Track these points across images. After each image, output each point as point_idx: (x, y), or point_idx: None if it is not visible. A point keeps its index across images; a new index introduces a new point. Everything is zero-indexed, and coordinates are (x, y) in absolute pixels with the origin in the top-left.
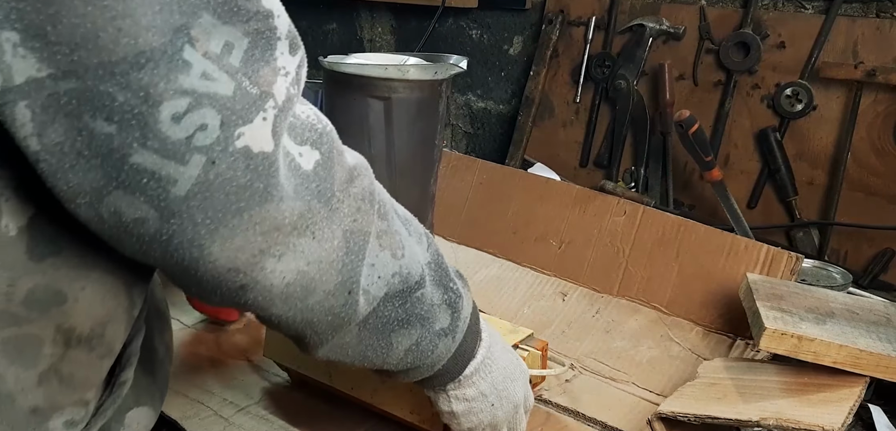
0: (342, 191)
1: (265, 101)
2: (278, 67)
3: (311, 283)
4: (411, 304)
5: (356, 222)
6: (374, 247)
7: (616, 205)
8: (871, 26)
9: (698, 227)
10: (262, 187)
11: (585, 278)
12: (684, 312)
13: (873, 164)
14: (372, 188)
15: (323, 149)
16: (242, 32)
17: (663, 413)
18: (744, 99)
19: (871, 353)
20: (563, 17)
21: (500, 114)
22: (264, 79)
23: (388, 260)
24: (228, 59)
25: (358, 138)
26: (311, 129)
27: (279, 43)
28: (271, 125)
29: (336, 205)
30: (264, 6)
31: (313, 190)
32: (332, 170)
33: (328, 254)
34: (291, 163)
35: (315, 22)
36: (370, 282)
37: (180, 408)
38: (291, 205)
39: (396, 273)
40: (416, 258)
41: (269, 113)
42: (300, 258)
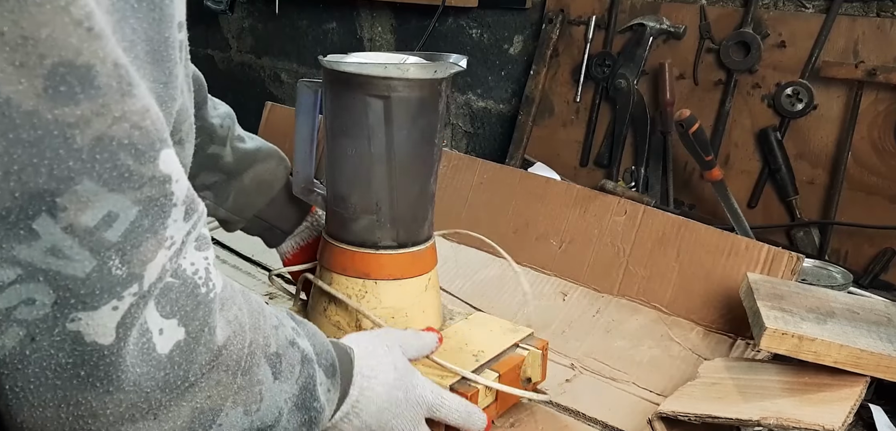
0: (200, 374)
1: (127, 286)
2: (165, 238)
3: None
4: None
5: (210, 398)
6: (227, 409)
7: (617, 205)
8: (871, 25)
9: (699, 227)
10: (84, 375)
11: (586, 278)
12: (685, 312)
13: (874, 164)
14: (240, 353)
15: (191, 327)
16: (132, 201)
17: (664, 413)
18: (744, 98)
19: (872, 353)
20: (563, 17)
21: (501, 114)
22: (141, 257)
23: (239, 417)
24: (104, 233)
25: (357, 138)
26: (190, 297)
27: (173, 210)
28: (121, 315)
29: (187, 389)
30: (162, 170)
31: (160, 379)
32: (193, 353)
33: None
34: (146, 344)
35: (315, 21)
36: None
37: None
38: (123, 397)
39: (246, 428)
40: (276, 401)
41: (125, 301)
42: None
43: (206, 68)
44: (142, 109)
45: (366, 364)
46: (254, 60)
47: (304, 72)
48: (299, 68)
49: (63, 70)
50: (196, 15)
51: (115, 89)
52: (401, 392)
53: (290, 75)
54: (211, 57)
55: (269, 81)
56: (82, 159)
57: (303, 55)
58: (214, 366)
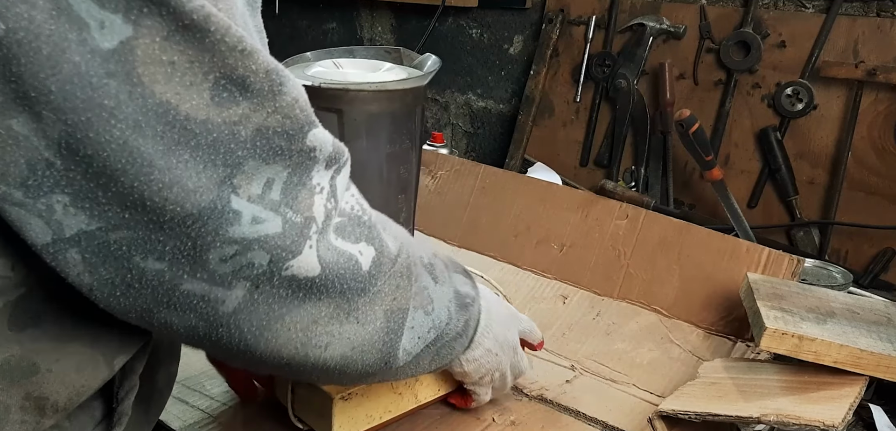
0: (383, 280)
1: (309, 227)
2: (314, 186)
3: (351, 364)
4: (441, 340)
5: (396, 300)
6: (412, 312)
7: (618, 210)
8: (871, 25)
9: (699, 230)
10: (302, 296)
11: (586, 281)
12: (685, 315)
13: (874, 164)
14: (408, 261)
15: (376, 244)
16: (283, 166)
17: (664, 412)
18: (744, 98)
19: (872, 353)
20: (563, 16)
21: (501, 114)
22: (304, 205)
23: (422, 319)
24: (269, 194)
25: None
26: (360, 224)
27: (316, 165)
28: (317, 249)
29: (378, 292)
30: (308, 144)
31: (360, 289)
32: (381, 264)
33: (370, 336)
34: (354, 266)
35: (315, 21)
36: (412, 344)
37: (180, 415)
38: (331, 302)
39: (431, 327)
40: (443, 302)
41: (313, 238)
42: (345, 344)
43: None
44: (291, 101)
45: (479, 286)
46: None
47: None
48: None
49: (223, 82)
50: None
51: (266, 91)
52: (503, 306)
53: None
54: None
55: None
56: (246, 147)
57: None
58: (392, 273)
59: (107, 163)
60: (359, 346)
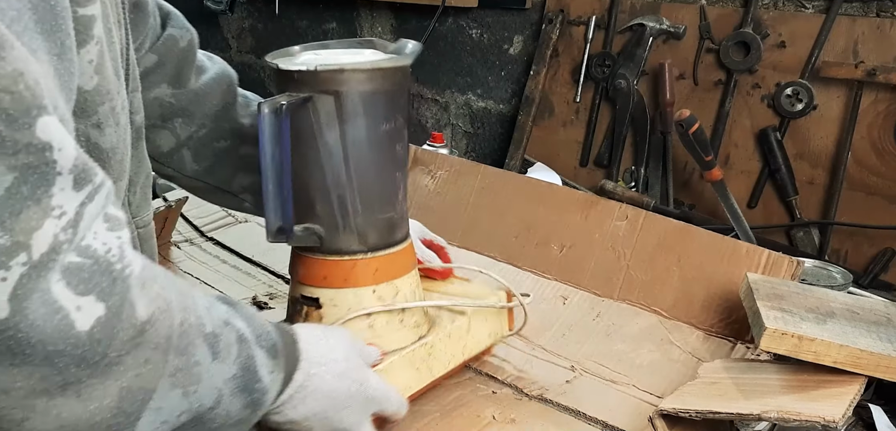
0: (123, 351)
1: (12, 256)
2: (50, 207)
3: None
4: (202, 425)
5: (139, 377)
6: (163, 390)
7: (618, 210)
8: (871, 26)
9: (699, 232)
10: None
11: (586, 282)
12: (685, 316)
13: (873, 164)
14: (170, 331)
15: (110, 302)
16: (6, 167)
17: (665, 410)
18: (744, 98)
19: (872, 353)
20: (563, 17)
21: (501, 114)
22: (24, 225)
23: (177, 401)
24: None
25: (309, 140)
26: (104, 274)
27: (59, 178)
28: (11, 286)
29: (110, 366)
30: (40, 137)
31: (78, 356)
32: (114, 328)
33: (91, 415)
34: (63, 321)
35: (315, 21)
36: (153, 427)
37: None
38: (33, 371)
39: (185, 410)
40: (215, 382)
41: (13, 271)
42: (53, 421)
43: None
44: (13, 73)
45: (315, 351)
46: (254, 60)
47: None
48: None
49: None
50: (196, 15)
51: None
52: (352, 383)
53: None
54: None
55: (270, 82)
56: None
57: None
58: (140, 343)
59: None
60: (71, 425)
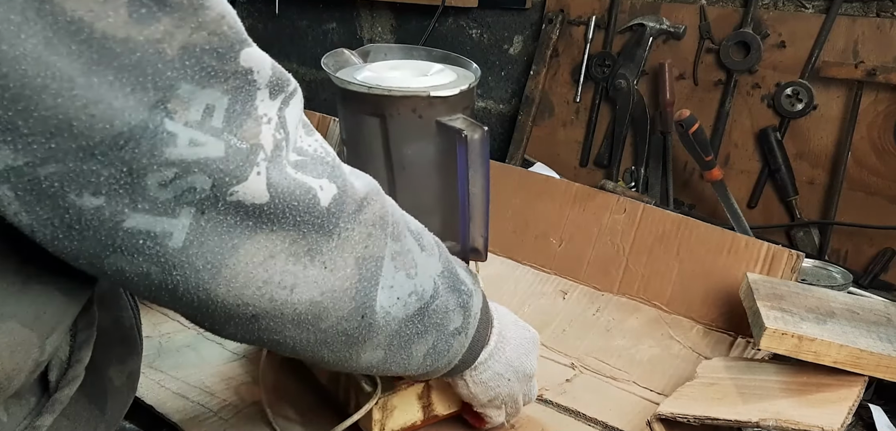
0: (352, 219)
1: (256, 154)
2: (260, 116)
3: (323, 311)
4: (428, 317)
5: (368, 248)
6: (389, 270)
7: (616, 203)
8: (871, 26)
9: (698, 225)
10: (252, 225)
11: (586, 276)
12: (685, 310)
13: (874, 164)
14: (383, 211)
15: (338, 182)
16: (222, 92)
17: (663, 414)
18: (744, 98)
19: (872, 353)
20: (563, 17)
21: (501, 114)
22: (249, 132)
23: (404, 281)
24: (210, 121)
25: (358, 153)
26: (323, 163)
27: (259, 93)
28: (266, 177)
29: (346, 235)
30: (243, 65)
31: (318, 225)
32: (344, 202)
33: (341, 283)
34: (312, 200)
35: (315, 21)
36: (390, 304)
37: (181, 410)
38: (285, 236)
39: (412, 292)
40: (429, 272)
41: (262, 166)
42: (313, 288)
43: None
44: (217, 17)
45: (495, 308)
46: None
47: (304, 72)
48: (299, 68)
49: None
50: None
51: (186, 5)
52: (522, 331)
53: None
54: None
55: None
56: (175, 67)
57: (303, 55)
58: (362, 216)
59: (24, 84)
60: (329, 292)
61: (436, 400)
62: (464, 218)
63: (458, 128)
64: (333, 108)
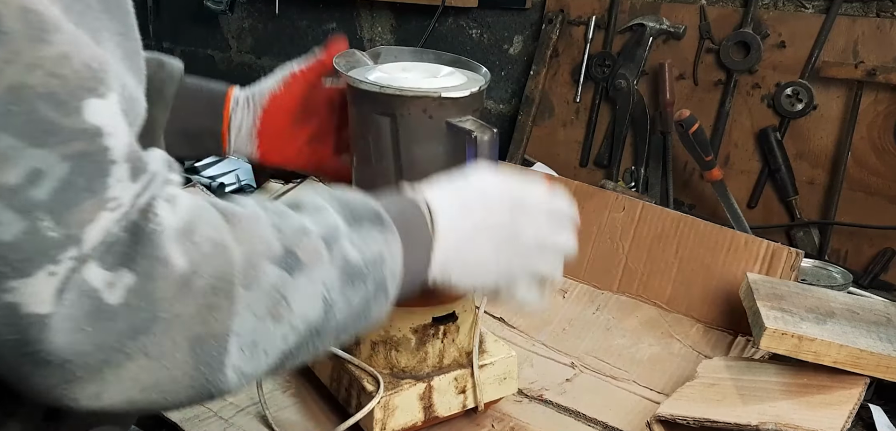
0: (171, 303)
1: (63, 249)
2: (106, 199)
3: (153, 404)
4: (327, 333)
5: (206, 324)
6: (248, 327)
7: (615, 201)
8: (871, 26)
9: (698, 223)
10: (33, 352)
11: (585, 274)
12: (685, 309)
13: (873, 164)
14: (225, 270)
15: (140, 266)
16: (59, 156)
17: (662, 416)
18: (744, 98)
19: (872, 353)
20: (563, 17)
21: (501, 114)
22: (78, 217)
23: (272, 327)
24: (30, 192)
25: (367, 152)
26: (132, 239)
27: (114, 167)
28: (59, 281)
29: (167, 324)
30: (90, 122)
31: (124, 328)
32: (151, 291)
33: (169, 373)
34: (91, 305)
35: (315, 21)
36: (248, 362)
37: (180, 410)
38: (88, 357)
39: (288, 332)
40: (309, 291)
41: (62, 266)
42: (130, 387)
43: (206, 68)
44: (58, 56)
45: (439, 203)
46: (254, 60)
47: None
48: None
49: None
50: (196, 15)
51: (22, 34)
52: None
53: None
54: (211, 57)
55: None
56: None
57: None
58: (187, 293)
59: None
60: (152, 386)
61: (437, 401)
62: None
63: (468, 130)
64: None
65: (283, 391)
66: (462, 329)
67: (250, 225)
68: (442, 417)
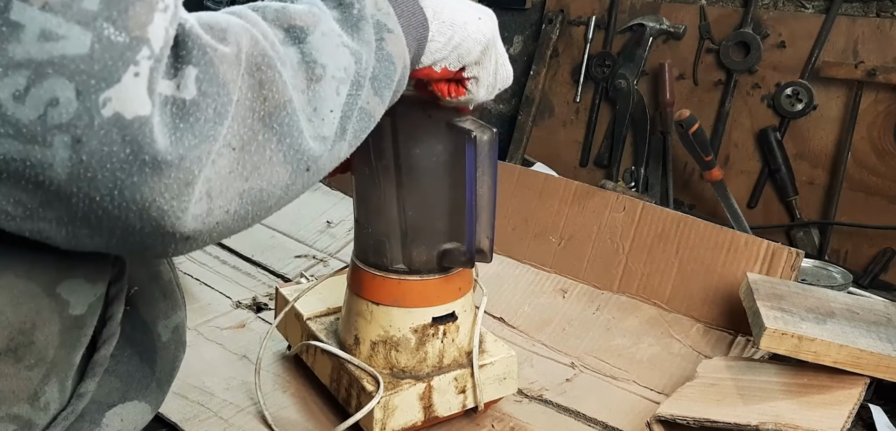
0: (235, 83)
1: (137, 50)
2: (154, 2)
3: (260, 194)
4: (364, 77)
5: (267, 100)
6: (302, 100)
7: (615, 201)
8: (871, 26)
9: (698, 223)
10: (148, 158)
11: (585, 275)
12: (685, 308)
13: (873, 164)
14: (260, 49)
15: (195, 58)
16: None
17: (662, 416)
18: (744, 98)
19: (872, 353)
20: (563, 17)
21: (501, 114)
22: (135, 20)
23: (318, 89)
24: (80, 4)
25: (366, 152)
26: (181, 39)
27: None
28: (147, 80)
29: (237, 104)
30: None
31: (210, 115)
32: (215, 74)
33: (260, 156)
34: (177, 104)
35: None
36: (320, 126)
37: (180, 410)
38: (193, 153)
39: (337, 86)
40: (329, 44)
41: (143, 65)
42: (235, 180)
43: None
44: None
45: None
46: None
47: None
48: None
49: None
50: None
51: None
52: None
53: None
54: None
55: None
56: None
57: None
58: (243, 71)
59: None
60: (252, 170)
61: (437, 401)
62: (470, 218)
63: (467, 129)
64: None
65: (283, 390)
66: (462, 329)
67: (250, 19)
68: (442, 417)
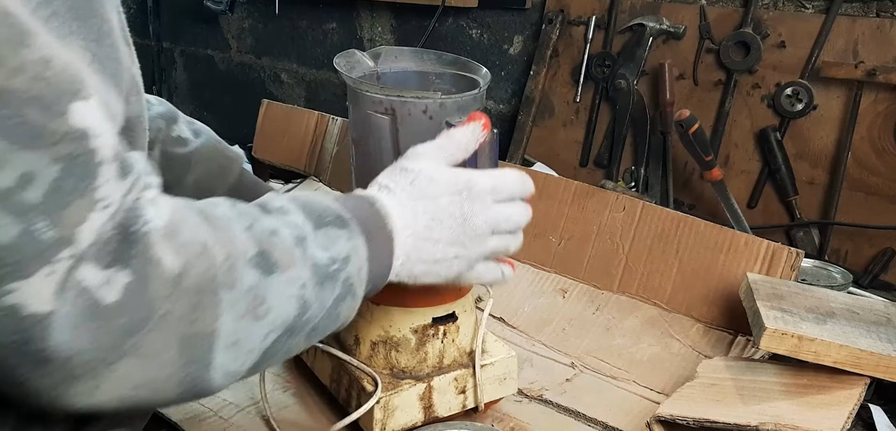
0: (163, 302)
1: (59, 250)
2: (96, 200)
3: (143, 401)
4: (303, 329)
5: (194, 324)
6: (230, 326)
7: (615, 201)
8: (871, 26)
9: (698, 223)
10: (34, 351)
11: (585, 274)
12: (685, 309)
13: (873, 164)
14: (209, 271)
15: (134, 265)
16: (49, 159)
17: (662, 416)
18: (744, 98)
19: (872, 353)
20: (563, 17)
21: (501, 114)
22: (70, 218)
23: (251, 326)
24: (23, 194)
25: (368, 151)
26: (123, 239)
27: (102, 168)
28: (58, 280)
29: (160, 321)
30: (75, 125)
31: (121, 326)
32: (146, 289)
33: (160, 371)
34: (88, 304)
35: (315, 21)
36: (235, 360)
37: (180, 409)
38: (87, 355)
39: (267, 331)
40: (285, 293)
41: (60, 265)
42: (122, 383)
43: (206, 68)
44: (41, 60)
45: (392, 208)
46: (254, 60)
47: (304, 72)
48: (299, 69)
49: None
50: (196, 15)
51: (3, 39)
52: (455, 205)
53: (290, 75)
54: (211, 57)
55: (269, 82)
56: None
57: (303, 55)
58: (178, 292)
59: None
60: (144, 383)
61: (437, 401)
62: None
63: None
64: (333, 108)
65: (284, 390)
66: (462, 329)
67: (226, 226)
68: (442, 417)
